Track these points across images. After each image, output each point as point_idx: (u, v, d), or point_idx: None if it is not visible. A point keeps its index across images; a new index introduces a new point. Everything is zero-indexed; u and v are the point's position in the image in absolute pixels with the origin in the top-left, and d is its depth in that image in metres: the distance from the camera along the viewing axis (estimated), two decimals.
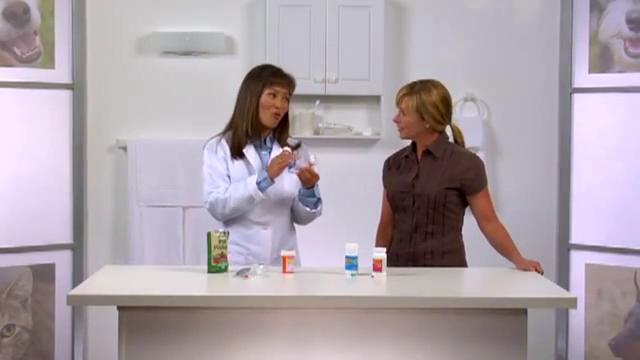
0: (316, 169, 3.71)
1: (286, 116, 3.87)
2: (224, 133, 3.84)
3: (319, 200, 3.83)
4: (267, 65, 3.96)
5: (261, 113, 3.78)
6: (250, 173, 3.77)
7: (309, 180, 3.71)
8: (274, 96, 3.78)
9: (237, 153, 3.78)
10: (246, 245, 3.78)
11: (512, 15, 5.15)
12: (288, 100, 3.84)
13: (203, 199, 3.81)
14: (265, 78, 3.79)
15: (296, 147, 3.88)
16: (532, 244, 4.36)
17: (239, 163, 3.78)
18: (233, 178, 3.78)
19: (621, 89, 4.81)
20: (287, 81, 3.83)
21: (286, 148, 3.72)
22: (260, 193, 3.69)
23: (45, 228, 4.85)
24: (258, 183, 3.68)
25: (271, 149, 3.84)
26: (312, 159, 3.75)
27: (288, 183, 3.80)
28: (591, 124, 4.94)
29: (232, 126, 3.83)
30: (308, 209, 3.82)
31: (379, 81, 5.01)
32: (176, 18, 5.04)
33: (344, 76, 5.00)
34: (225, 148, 3.80)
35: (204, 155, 3.83)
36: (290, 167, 3.78)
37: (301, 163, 3.71)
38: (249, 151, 3.80)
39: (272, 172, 3.68)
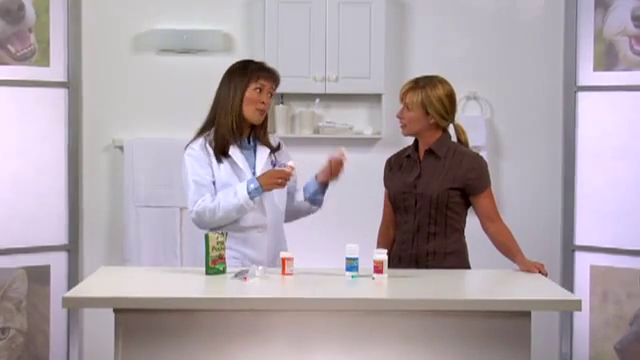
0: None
1: (268, 112, 3.78)
2: (203, 134, 3.73)
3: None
4: (250, 60, 3.85)
5: (245, 109, 3.68)
6: (237, 175, 3.68)
7: (337, 171, 3.69)
8: (260, 91, 3.68)
9: (222, 153, 3.68)
10: (242, 250, 3.70)
11: (515, 12, 5.13)
12: (272, 96, 3.76)
13: (188, 208, 3.71)
14: (251, 72, 3.69)
15: (277, 148, 3.81)
16: (536, 245, 4.36)
17: (225, 165, 3.68)
18: (220, 182, 3.68)
19: (626, 87, 4.80)
20: (273, 75, 3.73)
21: (290, 163, 3.63)
22: (251, 202, 3.61)
23: (40, 229, 4.83)
24: (249, 192, 3.60)
25: (254, 149, 3.75)
26: (291, 163, 3.65)
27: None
28: (596, 123, 4.93)
29: (213, 125, 3.72)
30: (315, 207, 3.81)
31: (380, 79, 4.99)
32: (173, 15, 5.02)
33: (344, 74, 4.97)
34: (209, 152, 3.69)
35: (186, 161, 3.70)
36: (274, 166, 3.71)
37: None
38: (234, 152, 3.70)
39: (267, 186, 3.60)
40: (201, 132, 3.75)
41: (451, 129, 3.80)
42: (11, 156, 4.73)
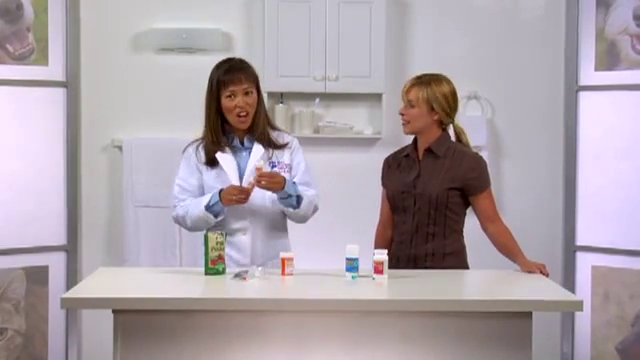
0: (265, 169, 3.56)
1: (258, 109, 3.66)
2: (203, 138, 3.71)
3: (299, 197, 3.63)
4: (223, 62, 3.71)
5: (228, 117, 3.63)
6: (223, 180, 3.63)
7: (272, 187, 3.54)
8: (233, 96, 3.60)
9: (210, 163, 3.65)
10: (226, 251, 3.64)
11: (517, 11, 5.12)
12: (258, 91, 3.65)
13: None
14: (219, 80, 3.60)
15: (281, 146, 3.72)
16: (537, 245, 4.37)
17: (214, 171, 3.66)
18: (207, 185, 3.67)
19: (628, 87, 4.78)
20: (240, 76, 3.61)
21: (252, 179, 3.53)
22: (211, 216, 3.57)
23: (38, 229, 4.81)
24: (209, 207, 3.57)
25: (251, 149, 3.69)
26: (258, 163, 3.54)
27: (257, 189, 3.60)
28: (597, 123, 4.91)
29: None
30: (291, 210, 3.64)
31: (380, 79, 4.97)
32: (173, 14, 5.01)
33: (345, 73, 4.95)
34: (201, 155, 3.68)
35: (181, 162, 3.73)
36: (273, 166, 3.66)
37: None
38: (224, 157, 3.65)
39: (225, 201, 3.54)
40: (203, 137, 3.73)
41: (450, 130, 3.77)
42: (9, 156, 4.71)
